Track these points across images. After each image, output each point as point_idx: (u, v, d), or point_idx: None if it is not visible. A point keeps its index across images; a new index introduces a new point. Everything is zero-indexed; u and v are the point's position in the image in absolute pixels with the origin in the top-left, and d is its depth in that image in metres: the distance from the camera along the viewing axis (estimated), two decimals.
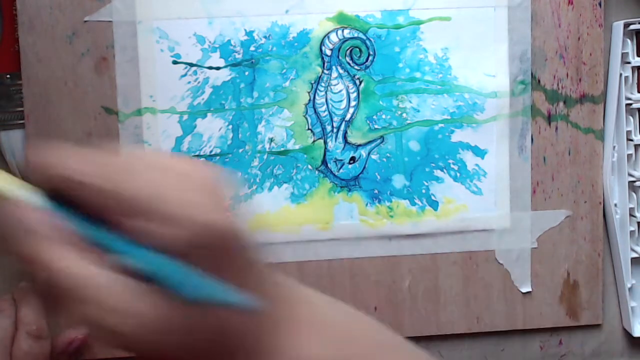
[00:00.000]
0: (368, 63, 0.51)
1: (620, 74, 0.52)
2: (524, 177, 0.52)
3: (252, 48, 0.50)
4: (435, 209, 0.52)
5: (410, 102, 0.51)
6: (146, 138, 0.50)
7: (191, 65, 0.50)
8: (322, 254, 0.52)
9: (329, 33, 0.50)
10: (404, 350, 0.31)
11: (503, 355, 0.54)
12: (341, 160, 0.51)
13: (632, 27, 0.52)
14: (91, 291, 0.24)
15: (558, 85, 0.52)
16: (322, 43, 0.50)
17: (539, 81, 0.52)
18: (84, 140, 0.50)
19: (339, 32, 0.50)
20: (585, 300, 0.54)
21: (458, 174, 0.52)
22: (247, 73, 0.50)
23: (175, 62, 0.50)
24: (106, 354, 0.51)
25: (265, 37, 0.50)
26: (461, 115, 0.51)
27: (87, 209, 0.25)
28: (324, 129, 0.51)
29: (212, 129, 0.50)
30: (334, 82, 0.51)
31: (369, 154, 0.51)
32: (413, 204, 0.52)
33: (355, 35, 0.51)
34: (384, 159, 0.52)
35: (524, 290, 0.53)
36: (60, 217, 0.25)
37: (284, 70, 0.50)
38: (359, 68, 0.51)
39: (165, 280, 0.23)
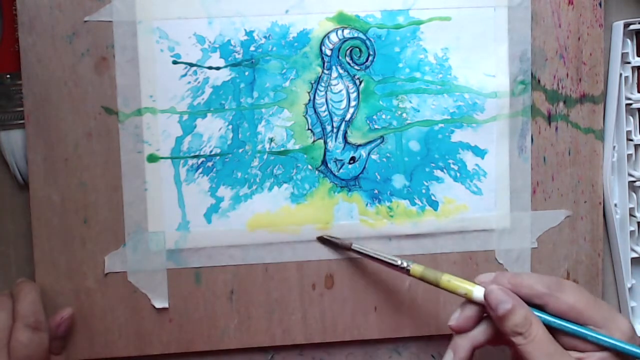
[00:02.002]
0: (368, 63, 0.51)
1: (620, 74, 0.52)
2: (524, 177, 0.52)
3: (252, 48, 0.50)
4: (435, 209, 0.52)
5: (410, 102, 0.51)
6: (146, 138, 0.50)
7: (191, 65, 0.50)
8: (322, 254, 0.52)
9: (329, 33, 0.50)
10: None
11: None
12: (341, 160, 0.51)
13: (632, 27, 0.52)
14: None
15: (558, 85, 0.52)
16: (322, 43, 0.50)
17: (539, 81, 0.52)
18: (84, 141, 0.50)
19: (339, 32, 0.50)
20: None
21: (458, 174, 0.52)
22: (247, 73, 0.50)
23: (175, 62, 0.50)
24: (105, 354, 0.51)
25: (265, 37, 0.50)
26: (461, 115, 0.51)
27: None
28: (324, 129, 0.51)
29: (212, 129, 0.50)
30: (334, 82, 0.51)
31: (369, 154, 0.51)
32: (413, 204, 0.52)
33: (355, 35, 0.51)
34: (384, 159, 0.52)
35: None
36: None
37: (284, 70, 0.50)
38: (359, 68, 0.51)
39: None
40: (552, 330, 0.40)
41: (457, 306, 0.53)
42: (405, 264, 0.46)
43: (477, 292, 0.41)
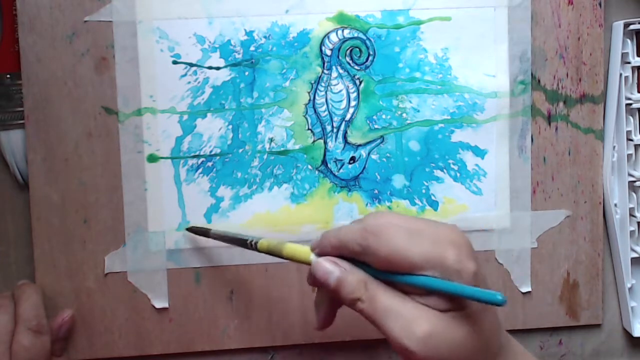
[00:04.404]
0: (368, 63, 0.51)
1: (620, 74, 0.52)
2: (524, 177, 0.52)
3: (252, 48, 0.50)
4: (435, 209, 0.52)
5: (410, 102, 0.51)
6: (146, 138, 0.50)
7: (191, 65, 0.50)
8: None
9: (329, 33, 0.50)
10: None
11: None
12: (341, 160, 0.51)
13: (632, 27, 0.52)
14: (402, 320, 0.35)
15: (558, 85, 0.52)
16: (322, 43, 0.50)
17: (539, 81, 0.52)
18: (84, 141, 0.50)
19: (339, 32, 0.50)
20: (585, 300, 0.54)
21: (458, 174, 0.52)
22: (247, 73, 0.50)
23: (175, 62, 0.50)
24: (105, 354, 0.51)
25: (265, 37, 0.50)
26: (461, 115, 0.52)
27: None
28: (324, 129, 0.51)
29: (212, 129, 0.50)
30: (334, 82, 0.51)
31: (369, 154, 0.51)
32: (413, 204, 0.52)
33: (355, 35, 0.51)
34: (384, 159, 0.52)
35: (524, 290, 0.53)
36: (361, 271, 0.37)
37: (284, 70, 0.50)
38: (359, 68, 0.51)
39: (454, 291, 0.34)
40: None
41: None
42: (254, 240, 0.43)
43: (313, 259, 0.39)
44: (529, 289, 0.53)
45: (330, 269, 0.37)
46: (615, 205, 0.53)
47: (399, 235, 0.36)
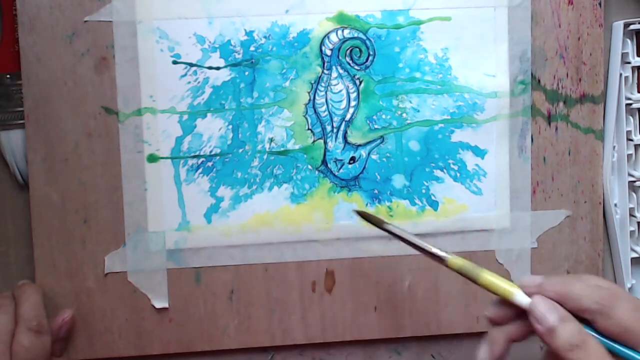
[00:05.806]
0: (368, 63, 0.51)
1: (620, 74, 0.52)
2: (524, 177, 0.52)
3: (252, 48, 0.50)
4: (435, 209, 0.52)
5: (410, 102, 0.51)
6: (146, 138, 0.50)
7: (191, 65, 0.50)
8: (322, 254, 0.52)
9: (329, 33, 0.50)
10: None
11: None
12: (341, 160, 0.51)
13: (632, 27, 0.52)
14: None
15: (558, 85, 0.52)
16: (322, 43, 0.50)
17: (539, 81, 0.52)
18: (84, 141, 0.50)
19: (339, 32, 0.50)
20: None
21: (458, 174, 0.52)
22: (247, 73, 0.50)
23: (175, 62, 0.50)
24: (105, 354, 0.51)
25: (265, 37, 0.50)
26: (461, 115, 0.52)
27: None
28: (324, 129, 0.51)
29: (212, 129, 0.50)
30: (334, 82, 0.51)
31: (369, 154, 0.51)
32: (413, 204, 0.52)
33: (355, 35, 0.51)
34: (384, 159, 0.52)
35: None
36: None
37: (284, 70, 0.50)
38: (359, 68, 0.51)
39: None
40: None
41: (457, 306, 0.53)
42: (443, 256, 0.42)
43: (519, 296, 0.38)
44: None
45: (550, 308, 0.37)
46: (615, 205, 0.53)
47: (636, 308, 0.36)
